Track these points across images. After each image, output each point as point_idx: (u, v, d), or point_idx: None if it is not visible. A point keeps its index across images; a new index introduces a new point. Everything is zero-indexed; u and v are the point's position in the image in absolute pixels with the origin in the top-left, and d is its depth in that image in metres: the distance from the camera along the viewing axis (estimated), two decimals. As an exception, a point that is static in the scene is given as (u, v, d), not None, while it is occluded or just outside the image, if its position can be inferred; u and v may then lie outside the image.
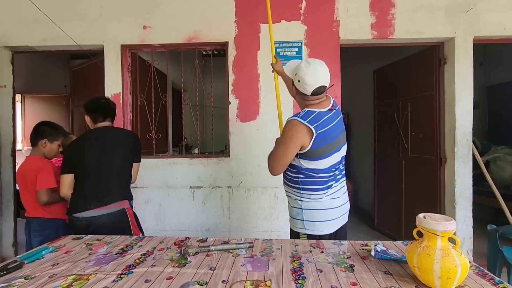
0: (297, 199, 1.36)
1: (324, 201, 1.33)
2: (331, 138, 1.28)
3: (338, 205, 1.36)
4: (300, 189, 1.34)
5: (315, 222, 1.33)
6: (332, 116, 1.31)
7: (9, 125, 2.66)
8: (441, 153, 2.61)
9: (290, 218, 1.44)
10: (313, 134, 1.23)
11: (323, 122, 1.26)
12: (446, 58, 2.53)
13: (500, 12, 2.38)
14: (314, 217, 1.33)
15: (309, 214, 1.33)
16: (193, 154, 2.67)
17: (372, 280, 0.92)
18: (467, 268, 0.84)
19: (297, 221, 1.37)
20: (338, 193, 1.37)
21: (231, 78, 2.48)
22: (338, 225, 1.36)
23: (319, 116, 1.26)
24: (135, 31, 2.50)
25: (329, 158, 1.29)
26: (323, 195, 1.33)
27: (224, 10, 2.47)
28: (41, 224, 1.81)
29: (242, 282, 0.92)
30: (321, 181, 1.31)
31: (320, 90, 1.29)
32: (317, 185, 1.32)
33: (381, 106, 3.56)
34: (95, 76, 2.75)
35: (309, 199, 1.33)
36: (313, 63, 1.30)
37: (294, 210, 1.39)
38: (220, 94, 2.63)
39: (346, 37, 2.44)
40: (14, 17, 2.53)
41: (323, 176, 1.31)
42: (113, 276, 0.97)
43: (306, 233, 1.34)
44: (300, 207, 1.35)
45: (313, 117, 1.25)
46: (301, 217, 1.35)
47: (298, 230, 1.37)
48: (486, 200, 3.12)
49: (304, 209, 1.34)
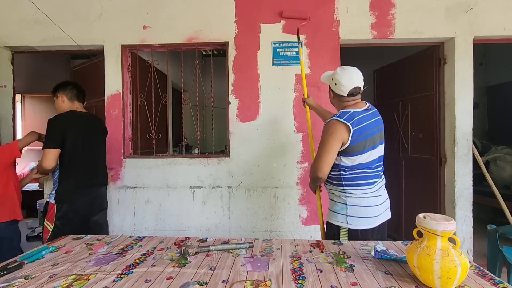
0: (342, 195, 1.42)
1: (369, 198, 1.39)
2: (367, 135, 1.37)
3: (381, 202, 1.43)
4: (343, 185, 1.41)
5: (360, 218, 1.38)
6: (367, 115, 1.41)
7: (9, 125, 2.66)
8: (441, 153, 2.61)
9: (329, 212, 1.49)
10: (350, 130, 1.33)
11: (358, 120, 1.36)
12: (446, 58, 2.53)
13: (500, 12, 2.38)
14: (359, 213, 1.38)
15: (353, 210, 1.39)
16: (193, 154, 2.67)
17: (372, 280, 0.92)
18: (467, 268, 0.84)
19: (339, 215, 1.42)
20: (379, 191, 1.43)
21: (231, 78, 2.48)
22: (381, 220, 1.43)
23: (354, 115, 1.37)
24: (135, 31, 2.50)
25: (366, 153, 1.38)
26: (367, 191, 1.39)
27: (224, 10, 2.47)
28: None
29: (242, 282, 0.92)
30: (363, 176, 1.39)
31: (356, 91, 1.44)
32: (360, 180, 1.39)
33: (381, 106, 3.52)
34: (95, 76, 2.75)
35: (354, 195, 1.39)
36: (347, 68, 1.48)
37: (338, 205, 1.43)
38: (220, 94, 2.63)
39: (346, 37, 2.44)
40: (14, 17, 2.53)
41: (364, 172, 1.39)
42: (113, 276, 0.97)
43: (347, 227, 1.39)
44: (344, 203, 1.41)
45: (348, 116, 1.37)
46: (344, 212, 1.40)
47: (339, 223, 1.42)
48: (486, 200, 3.12)
49: (349, 205, 1.39)
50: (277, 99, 2.45)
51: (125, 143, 2.55)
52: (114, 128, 2.53)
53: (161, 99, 2.66)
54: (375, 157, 1.41)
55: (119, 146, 2.53)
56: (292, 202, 2.43)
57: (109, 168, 2.50)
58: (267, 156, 2.44)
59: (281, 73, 2.44)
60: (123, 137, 2.53)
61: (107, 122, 2.53)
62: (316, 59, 2.44)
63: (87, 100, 3.01)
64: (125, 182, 2.52)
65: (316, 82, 2.43)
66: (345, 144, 1.35)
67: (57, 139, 1.73)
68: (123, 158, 2.52)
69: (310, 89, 2.43)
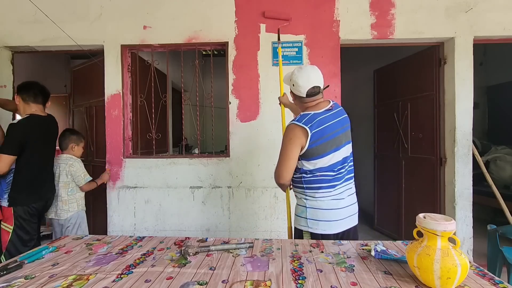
0: (303, 197, 1.39)
1: (328, 201, 1.34)
2: (328, 137, 1.31)
3: (343, 206, 1.36)
4: (305, 188, 1.37)
5: (319, 221, 1.34)
6: (329, 116, 1.35)
7: (9, 125, 2.66)
8: (441, 153, 2.61)
9: (295, 216, 1.46)
10: (308, 134, 1.28)
11: (317, 122, 1.31)
12: (446, 58, 2.53)
13: (500, 12, 2.38)
14: (318, 216, 1.34)
15: (313, 213, 1.35)
16: (193, 154, 2.67)
17: (372, 280, 0.92)
18: (467, 268, 0.84)
19: (301, 219, 1.39)
20: (343, 195, 1.37)
21: (231, 78, 2.48)
22: (344, 226, 1.37)
23: (313, 117, 1.32)
24: (135, 31, 2.50)
25: (328, 156, 1.32)
26: (327, 194, 1.34)
27: (224, 10, 2.47)
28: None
29: (242, 282, 0.92)
30: (323, 179, 1.34)
31: (315, 91, 1.37)
32: (320, 183, 1.34)
33: (381, 106, 3.56)
34: (95, 76, 2.75)
35: (313, 198, 1.35)
36: (304, 67, 1.40)
37: (299, 208, 1.42)
38: (220, 94, 2.63)
39: (346, 37, 2.44)
40: (14, 17, 2.53)
41: (325, 175, 1.33)
42: (113, 276, 0.97)
43: (309, 231, 1.36)
44: (304, 205, 1.38)
45: (307, 119, 1.32)
46: (305, 215, 1.37)
47: (301, 227, 1.39)
48: (486, 200, 3.12)
49: (308, 208, 1.36)
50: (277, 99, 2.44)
51: (125, 143, 2.55)
52: (114, 128, 2.53)
53: (161, 99, 2.66)
54: (339, 159, 1.35)
55: (119, 146, 2.53)
56: (292, 202, 2.42)
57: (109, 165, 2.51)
58: (267, 156, 2.44)
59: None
60: (123, 137, 2.53)
61: (107, 122, 2.53)
62: (316, 59, 2.44)
63: (87, 100, 3.03)
64: (125, 182, 2.52)
65: (316, 82, 2.42)
66: (303, 148, 1.30)
67: (15, 147, 1.76)
68: (123, 158, 2.52)
69: (310, 89, 2.43)
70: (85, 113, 3.05)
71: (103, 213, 2.56)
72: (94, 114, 2.92)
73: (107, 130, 2.54)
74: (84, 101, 3.08)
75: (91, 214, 2.88)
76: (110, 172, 2.48)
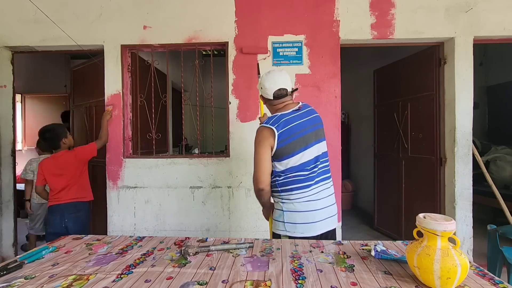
0: (279, 201, 1.39)
1: (304, 202, 1.33)
2: (296, 135, 1.33)
3: (319, 207, 1.34)
4: (280, 191, 1.37)
5: (296, 224, 1.33)
6: (297, 116, 1.37)
7: (9, 125, 2.66)
8: (441, 153, 2.61)
9: (273, 221, 1.44)
10: (275, 134, 1.30)
11: (284, 122, 1.33)
12: (446, 58, 2.53)
13: (500, 12, 2.38)
14: (296, 219, 1.33)
15: (290, 216, 1.34)
16: (193, 154, 2.67)
17: (372, 280, 0.92)
18: (467, 268, 0.84)
19: (278, 223, 1.38)
20: (319, 195, 1.35)
21: (231, 78, 2.48)
22: (323, 229, 1.35)
23: (280, 118, 1.35)
24: (135, 31, 2.50)
25: (298, 155, 1.32)
26: (302, 195, 1.33)
27: (224, 10, 2.47)
28: (77, 207, 2.12)
29: (242, 282, 0.92)
30: (296, 180, 1.33)
31: (281, 93, 1.40)
32: (293, 184, 1.33)
33: (381, 106, 3.56)
34: (95, 76, 2.75)
35: (289, 200, 1.35)
36: (272, 71, 1.45)
37: (277, 212, 1.40)
38: (220, 94, 2.63)
39: (346, 37, 2.44)
40: (14, 17, 2.53)
41: (298, 175, 1.33)
42: (113, 276, 0.97)
43: (287, 235, 1.34)
44: (281, 209, 1.37)
45: (273, 120, 1.35)
46: (282, 219, 1.36)
47: (279, 232, 1.37)
48: (486, 200, 3.12)
49: (285, 211, 1.35)
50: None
51: (125, 143, 2.55)
52: (114, 128, 2.53)
53: (161, 99, 2.66)
54: (310, 157, 1.34)
55: (119, 146, 2.53)
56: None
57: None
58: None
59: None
60: (123, 137, 2.53)
61: (107, 122, 2.53)
62: (316, 59, 2.44)
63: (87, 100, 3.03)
64: (125, 182, 2.52)
65: (316, 82, 2.43)
66: (273, 148, 1.31)
67: None
68: (123, 158, 2.52)
69: (310, 89, 2.43)
70: (85, 113, 3.05)
71: (103, 213, 2.56)
72: (94, 114, 2.92)
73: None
74: (84, 101, 3.08)
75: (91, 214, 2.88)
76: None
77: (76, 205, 2.10)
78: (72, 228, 2.04)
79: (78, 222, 2.09)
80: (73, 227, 2.04)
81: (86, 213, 2.17)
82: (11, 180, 2.68)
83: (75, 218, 2.08)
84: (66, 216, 2.06)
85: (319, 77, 2.44)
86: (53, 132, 2.14)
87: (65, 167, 2.11)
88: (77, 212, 2.10)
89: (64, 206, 2.07)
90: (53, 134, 2.13)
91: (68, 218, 2.06)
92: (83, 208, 2.15)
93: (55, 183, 2.08)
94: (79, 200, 2.13)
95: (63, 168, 2.10)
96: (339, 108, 2.45)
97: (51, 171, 2.09)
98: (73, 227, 2.04)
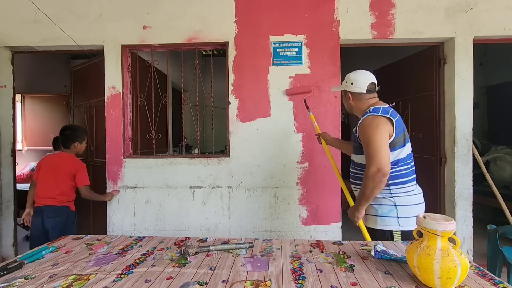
0: (387, 195, 1.36)
1: (415, 195, 1.38)
2: (403, 128, 1.37)
3: (423, 199, 1.42)
4: (389, 185, 1.35)
5: (410, 218, 1.33)
6: (395, 111, 1.40)
7: (9, 125, 2.66)
8: (441, 153, 2.61)
9: (375, 217, 1.39)
10: (393, 122, 1.31)
11: (393, 112, 1.36)
12: (446, 58, 2.53)
13: (500, 12, 2.38)
14: (409, 213, 1.34)
15: (404, 210, 1.34)
16: (193, 154, 2.66)
17: (372, 280, 0.92)
18: (467, 268, 0.84)
19: (389, 218, 1.35)
20: (419, 188, 1.43)
21: (231, 78, 2.48)
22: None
23: (386, 109, 1.37)
24: (135, 31, 2.50)
25: (406, 146, 1.35)
26: (412, 187, 1.37)
27: (224, 10, 2.47)
28: (55, 211, 2.08)
29: (242, 282, 0.92)
30: (404, 173, 1.36)
31: (373, 87, 1.44)
32: (404, 177, 1.35)
33: (381, 106, 3.55)
34: (95, 76, 2.75)
35: (400, 194, 1.35)
36: (359, 70, 1.50)
37: (386, 208, 1.36)
38: (220, 94, 2.63)
39: (346, 37, 2.44)
40: (14, 17, 2.53)
41: (404, 169, 1.36)
42: (113, 276, 0.97)
43: (400, 229, 1.34)
44: (393, 204, 1.35)
45: (382, 110, 1.35)
46: (394, 214, 1.34)
47: (390, 228, 1.35)
48: (486, 200, 3.12)
49: (398, 205, 1.34)
50: (277, 99, 2.45)
51: (125, 143, 2.55)
52: (114, 128, 2.53)
53: (161, 99, 2.66)
54: (409, 150, 1.38)
55: (119, 146, 2.53)
56: (292, 202, 2.43)
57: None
58: (267, 156, 2.44)
59: (281, 73, 2.44)
60: (123, 137, 2.53)
61: (107, 122, 2.53)
62: (316, 59, 2.44)
63: (87, 100, 3.03)
64: (125, 182, 2.52)
65: (316, 82, 2.43)
66: (391, 136, 1.29)
67: None
68: (123, 158, 2.52)
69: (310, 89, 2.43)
70: (85, 113, 3.05)
71: (103, 213, 2.56)
72: (94, 114, 2.92)
73: (107, 130, 2.53)
74: (84, 101, 3.08)
75: (91, 214, 2.89)
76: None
77: (55, 209, 2.07)
78: (51, 232, 2.03)
79: (57, 227, 2.05)
80: (51, 231, 2.03)
81: (66, 220, 2.10)
82: (11, 180, 2.68)
83: (53, 222, 2.05)
84: (45, 219, 2.05)
85: (319, 77, 2.44)
86: (73, 131, 2.21)
87: (57, 168, 2.11)
88: (56, 217, 2.07)
89: (44, 208, 2.07)
90: (71, 133, 2.19)
91: (46, 222, 2.05)
92: (63, 214, 2.10)
93: (42, 179, 2.10)
94: (59, 205, 2.09)
95: (55, 168, 2.11)
96: (339, 108, 2.45)
97: (47, 163, 2.14)
98: (51, 231, 2.03)
